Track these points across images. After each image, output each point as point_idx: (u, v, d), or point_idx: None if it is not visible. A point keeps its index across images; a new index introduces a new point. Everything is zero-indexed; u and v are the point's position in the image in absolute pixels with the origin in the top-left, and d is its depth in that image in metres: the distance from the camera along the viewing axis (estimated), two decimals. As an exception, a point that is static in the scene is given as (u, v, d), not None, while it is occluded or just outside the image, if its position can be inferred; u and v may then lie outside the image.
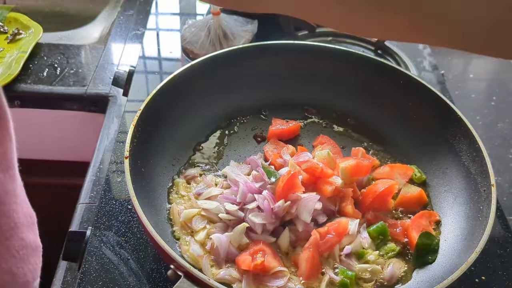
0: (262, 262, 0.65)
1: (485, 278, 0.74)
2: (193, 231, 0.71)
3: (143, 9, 1.37)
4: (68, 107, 1.08)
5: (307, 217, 0.69)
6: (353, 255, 0.70)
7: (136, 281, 0.71)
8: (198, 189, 0.76)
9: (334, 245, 0.69)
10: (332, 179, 0.74)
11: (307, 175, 0.74)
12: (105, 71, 1.13)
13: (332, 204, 0.74)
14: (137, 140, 0.72)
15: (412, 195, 0.77)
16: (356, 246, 0.70)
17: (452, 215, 0.73)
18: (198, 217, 0.72)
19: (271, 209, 0.69)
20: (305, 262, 0.67)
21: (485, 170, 0.69)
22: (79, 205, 0.83)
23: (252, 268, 0.65)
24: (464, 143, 0.76)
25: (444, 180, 0.78)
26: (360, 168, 0.76)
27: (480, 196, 0.69)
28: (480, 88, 1.23)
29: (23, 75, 1.09)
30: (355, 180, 0.77)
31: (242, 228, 0.69)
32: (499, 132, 1.07)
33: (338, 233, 0.69)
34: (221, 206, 0.72)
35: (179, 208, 0.73)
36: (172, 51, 1.23)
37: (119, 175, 0.88)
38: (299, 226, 0.70)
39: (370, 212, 0.74)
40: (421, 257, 0.69)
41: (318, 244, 0.68)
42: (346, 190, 0.74)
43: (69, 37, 1.29)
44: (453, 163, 0.77)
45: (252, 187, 0.73)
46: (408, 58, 1.17)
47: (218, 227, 0.71)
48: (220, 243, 0.68)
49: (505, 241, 0.80)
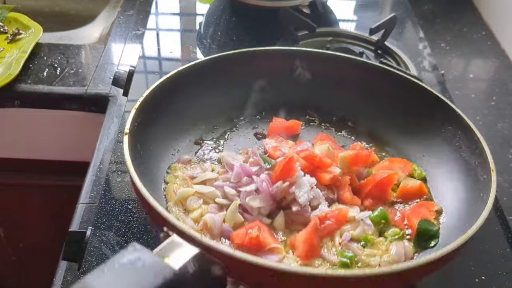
0: (257, 236, 0.63)
1: (485, 278, 0.74)
2: (187, 209, 0.71)
3: (143, 9, 1.37)
4: (68, 107, 1.08)
5: (303, 197, 0.69)
6: (355, 241, 0.69)
7: (136, 281, 0.71)
8: (193, 172, 0.76)
9: (333, 231, 0.68)
10: (330, 168, 0.74)
11: (306, 162, 0.74)
12: (105, 71, 1.13)
13: (331, 192, 0.74)
14: (138, 125, 0.72)
15: (412, 187, 0.76)
16: (359, 232, 0.69)
17: (453, 205, 0.73)
18: (193, 197, 0.72)
19: (269, 191, 0.69)
20: (302, 243, 0.65)
21: (485, 159, 0.69)
22: (79, 205, 0.83)
23: (247, 241, 0.63)
24: (464, 138, 0.75)
25: (445, 175, 0.77)
26: (359, 157, 0.76)
27: (480, 184, 0.69)
28: (480, 88, 1.23)
29: (23, 75, 1.08)
30: (355, 170, 0.76)
31: (235, 207, 0.68)
32: (499, 132, 1.07)
33: (337, 220, 0.68)
34: (217, 191, 0.72)
35: (174, 186, 0.73)
36: (172, 51, 1.23)
37: (119, 175, 0.88)
38: (295, 207, 0.69)
39: (369, 200, 0.73)
40: (423, 242, 0.69)
41: (318, 229, 0.67)
42: (344, 178, 0.74)
43: (69, 37, 1.29)
44: (453, 159, 0.77)
45: (247, 170, 0.72)
46: (408, 58, 1.17)
47: (213, 207, 0.71)
48: (214, 222, 0.67)
49: (505, 241, 0.80)
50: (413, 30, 1.34)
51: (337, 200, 0.74)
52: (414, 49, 1.24)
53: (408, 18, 1.39)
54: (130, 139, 0.68)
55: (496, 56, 1.30)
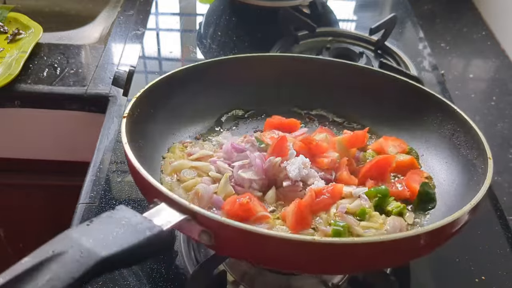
0: (247, 202, 0.64)
1: (485, 278, 0.74)
2: (181, 180, 0.72)
3: (143, 9, 1.37)
4: (68, 107, 1.08)
5: (294, 172, 0.70)
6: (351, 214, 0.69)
7: (136, 281, 0.71)
8: (191, 149, 0.78)
9: (328, 205, 0.68)
10: (328, 153, 0.75)
11: (303, 145, 0.75)
12: (105, 71, 1.13)
13: (329, 173, 0.75)
14: (137, 115, 0.72)
15: (404, 161, 0.78)
16: (355, 206, 0.69)
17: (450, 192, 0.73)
18: (188, 170, 0.73)
19: (261, 165, 0.71)
20: (292, 214, 0.65)
21: (482, 150, 0.69)
22: (79, 205, 0.83)
23: (236, 207, 0.64)
24: (462, 134, 0.75)
25: (446, 170, 0.77)
26: (356, 138, 0.77)
27: (478, 175, 0.68)
28: (480, 88, 1.23)
29: (23, 75, 1.08)
30: (352, 153, 0.78)
31: (226, 178, 0.70)
32: (499, 132, 1.07)
33: (333, 195, 0.69)
34: (211, 166, 0.74)
35: (171, 159, 0.75)
36: (172, 51, 1.23)
37: (119, 175, 0.88)
38: (286, 182, 0.70)
39: (368, 181, 0.74)
40: (423, 204, 0.71)
41: (313, 201, 0.67)
42: (342, 160, 0.76)
43: (69, 37, 1.29)
44: (452, 156, 0.76)
45: (238, 146, 0.75)
46: (408, 58, 1.17)
47: (207, 180, 0.72)
48: (205, 191, 0.68)
49: (505, 241, 0.80)
50: (413, 30, 1.34)
51: (335, 180, 0.74)
52: (414, 49, 1.24)
53: (408, 18, 1.39)
54: (128, 122, 0.68)
55: (496, 56, 1.30)
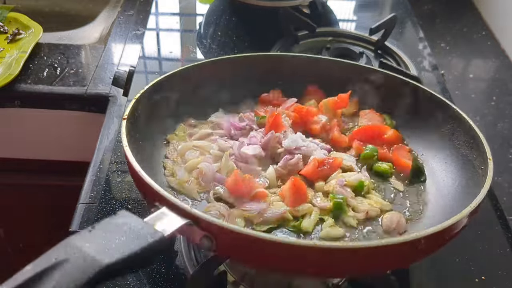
0: (249, 177, 0.69)
1: (485, 278, 0.74)
2: (185, 161, 0.75)
3: (143, 9, 1.37)
4: (68, 107, 1.08)
5: (287, 141, 0.75)
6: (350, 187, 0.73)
7: (136, 281, 0.71)
8: (193, 130, 0.81)
9: (328, 175, 0.74)
10: (317, 117, 0.82)
11: (295, 113, 0.82)
12: (105, 71, 1.13)
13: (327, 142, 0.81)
14: (137, 117, 0.72)
15: (390, 136, 0.82)
16: (354, 179, 0.73)
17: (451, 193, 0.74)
18: (191, 151, 0.77)
19: (259, 141, 0.76)
20: (288, 190, 0.69)
21: (482, 151, 0.69)
22: (79, 205, 0.83)
23: (239, 180, 0.68)
24: (461, 134, 0.75)
25: (445, 170, 0.77)
26: (341, 99, 0.84)
27: (477, 175, 0.69)
28: (480, 88, 1.23)
29: (23, 75, 1.09)
30: (338, 114, 0.85)
31: (226, 155, 0.73)
32: (499, 132, 1.06)
33: (332, 166, 0.74)
34: (212, 144, 0.78)
35: (174, 141, 0.79)
36: (172, 51, 1.23)
37: (119, 175, 0.88)
38: (284, 155, 0.75)
39: (355, 141, 0.80)
40: (415, 178, 0.77)
41: (315, 170, 0.73)
42: (332, 121, 0.83)
43: (69, 37, 1.29)
44: (452, 156, 0.76)
45: (237, 124, 0.81)
46: (408, 58, 1.18)
47: (209, 158, 0.75)
48: (208, 169, 0.72)
49: (505, 241, 0.80)
50: (413, 30, 1.34)
51: (330, 142, 0.81)
52: (414, 49, 1.24)
53: (408, 18, 1.39)
54: (128, 125, 0.69)
55: (496, 56, 1.30)
